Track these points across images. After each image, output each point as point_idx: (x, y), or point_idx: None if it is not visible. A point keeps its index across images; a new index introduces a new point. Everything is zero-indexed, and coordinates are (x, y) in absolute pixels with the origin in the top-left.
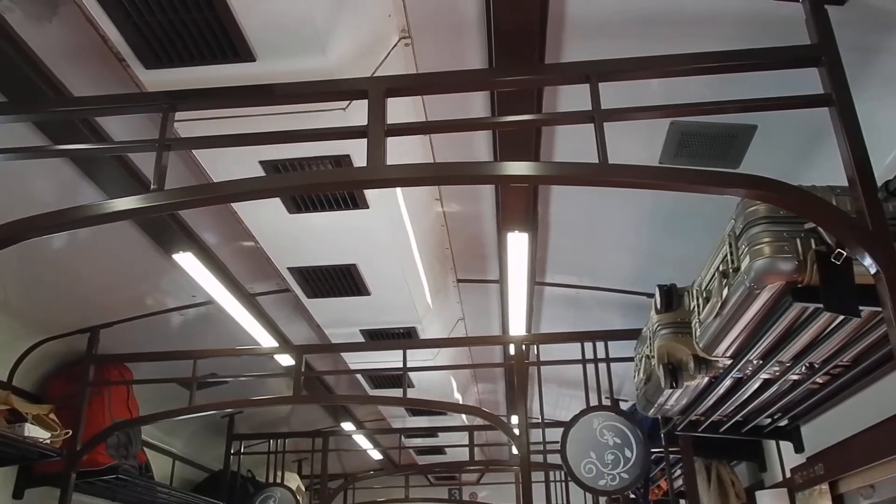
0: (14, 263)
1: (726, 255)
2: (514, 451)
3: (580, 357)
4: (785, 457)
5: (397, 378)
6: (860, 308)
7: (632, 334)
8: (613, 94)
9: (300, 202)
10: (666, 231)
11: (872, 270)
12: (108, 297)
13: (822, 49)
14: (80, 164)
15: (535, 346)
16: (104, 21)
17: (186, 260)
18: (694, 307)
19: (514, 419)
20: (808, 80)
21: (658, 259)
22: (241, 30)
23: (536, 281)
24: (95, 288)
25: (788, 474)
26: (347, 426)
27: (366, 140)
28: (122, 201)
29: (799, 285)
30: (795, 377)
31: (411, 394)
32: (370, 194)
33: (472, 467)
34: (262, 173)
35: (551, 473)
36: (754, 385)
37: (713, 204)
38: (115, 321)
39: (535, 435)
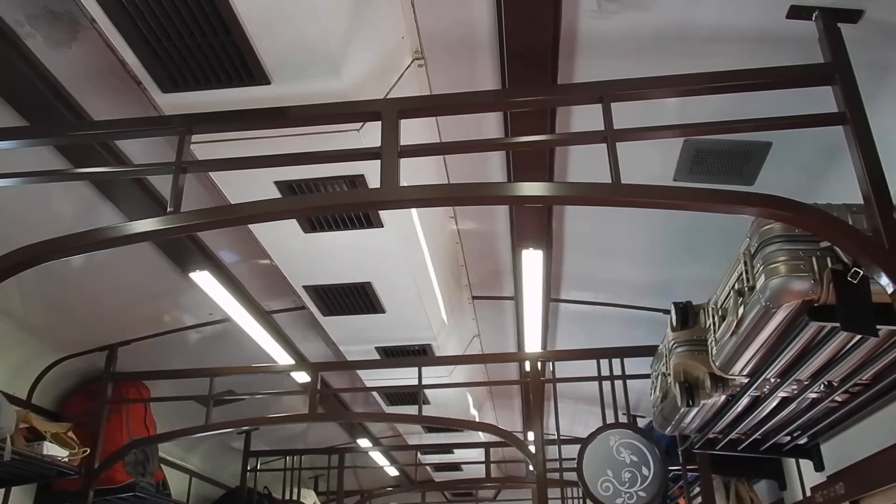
0: (33, 282)
1: (741, 273)
2: (531, 467)
3: (596, 374)
4: (805, 475)
5: (413, 395)
6: (877, 327)
7: (648, 351)
8: (627, 112)
9: (315, 222)
10: (681, 247)
11: (889, 289)
12: (126, 315)
13: (836, 67)
14: (100, 185)
15: (551, 363)
16: (122, 46)
17: (203, 278)
18: (710, 325)
19: (531, 436)
20: (823, 98)
21: (673, 275)
22: (257, 53)
23: (552, 297)
24: (113, 306)
25: (809, 493)
26: (363, 443)
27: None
28: (142, 223)
29: (815, 304)
30: (814, 395)
31: (427, 411)
32: (385, 213)
33: (488, 484)
34: (277, 193)
35: (568, 490)
36: (772, 403)
37: (729, 220)
38: (133, 339)
39: (552, 452)
